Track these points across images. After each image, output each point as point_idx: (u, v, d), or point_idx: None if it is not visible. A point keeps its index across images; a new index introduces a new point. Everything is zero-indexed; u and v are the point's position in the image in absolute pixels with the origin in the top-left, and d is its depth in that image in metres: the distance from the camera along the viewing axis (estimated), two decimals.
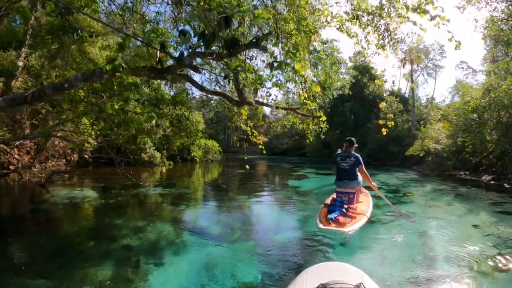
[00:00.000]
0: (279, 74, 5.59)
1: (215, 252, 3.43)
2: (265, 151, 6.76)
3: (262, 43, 2.55)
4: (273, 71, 3.42)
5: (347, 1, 4.57)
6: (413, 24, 3.56)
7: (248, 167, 7.15)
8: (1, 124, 8.21)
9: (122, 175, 6.59)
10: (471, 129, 12.75)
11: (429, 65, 35.45)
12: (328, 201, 4.43)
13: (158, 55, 3.48)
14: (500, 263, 3.13)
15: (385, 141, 21.22)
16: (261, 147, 6.30)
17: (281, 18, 3.67)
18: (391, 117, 4.53)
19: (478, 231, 4.39)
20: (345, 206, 4.07)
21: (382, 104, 5.77)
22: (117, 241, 3.75)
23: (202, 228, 4.64)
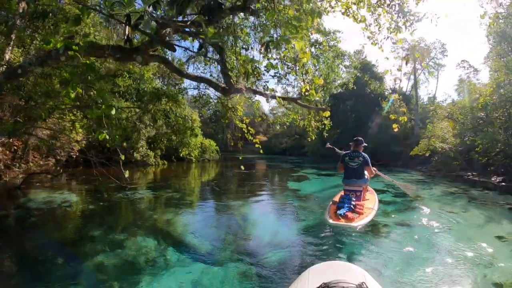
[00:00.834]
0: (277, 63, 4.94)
1: (206, 268, 3.03)
2: (262, 151, 6.18)
3: (252, 6, 1.90)
4: (268, 52, 2.79)
5: None
6: None
7: (243, 167, 6.60)
8: None
9: (99, 177, 5.93)
10: (479, 128, 12.26)
11: (431, 63, 34.90)
12: (336, 198, 4.62)
13: (126, 32, 2.84)
14: None
15: (387, 141, 20.55)
16: (257, 146, 5.73)
17: None
18: (404, 111, 3.93)
19: (503, 245, 3.78)
20: (353, 203, 4.24)
21: (395, 96, 5.16)
22: (90, 260, 3.16)
23: (191, 239, 3.99)
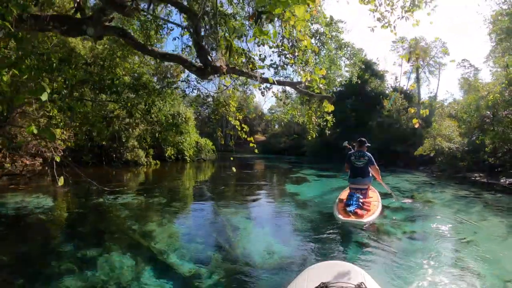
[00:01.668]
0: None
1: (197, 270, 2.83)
2: (257, 150, 5.55)
3: None
4: (259, 24, 2.18)
5: None
6: None
7: (234, 169, 6.06)
8: None
9: (85, 179, 5.29)
10: (485, 127, 11.75)
11: (431, 62, 34.46)
12: (342, 196, 4.82)
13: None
14: None
15: (388, 141, 19.95)
16: (252, 145, 5.11)
17: None
18: (426, 102, 3.33)
19: None
20: (361, 200, 4.41)
21: (413, 86, 4.57)
22: (55, 282, 2.62)
23: (175, 257, 3.32)
